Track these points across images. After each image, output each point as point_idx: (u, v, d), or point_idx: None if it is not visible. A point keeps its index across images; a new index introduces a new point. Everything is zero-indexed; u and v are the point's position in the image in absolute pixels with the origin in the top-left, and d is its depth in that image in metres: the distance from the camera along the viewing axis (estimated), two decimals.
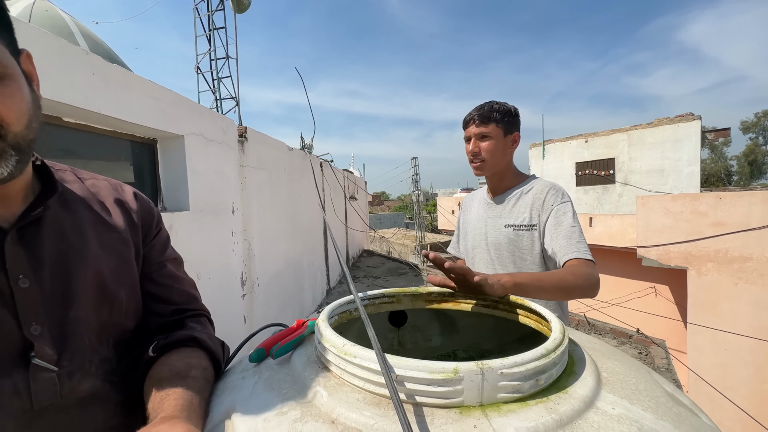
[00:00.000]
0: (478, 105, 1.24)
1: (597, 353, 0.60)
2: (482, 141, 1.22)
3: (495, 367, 0.44)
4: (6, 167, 0.43)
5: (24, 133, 0.45)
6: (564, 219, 1.13)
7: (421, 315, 1.00)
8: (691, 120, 9.38)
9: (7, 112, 0.42)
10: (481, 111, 1.21)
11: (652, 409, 0.46)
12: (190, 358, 0.57)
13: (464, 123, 1.26)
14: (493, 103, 1.22)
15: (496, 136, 1.21)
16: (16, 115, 0.43)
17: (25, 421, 0.45)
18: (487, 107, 1.21)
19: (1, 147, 0.42)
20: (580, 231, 1.11)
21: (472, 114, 1.23)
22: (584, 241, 1.10)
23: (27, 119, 0.45)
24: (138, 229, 0.63)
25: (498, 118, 1.20)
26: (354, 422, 0.42)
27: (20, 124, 0.44)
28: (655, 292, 7.42)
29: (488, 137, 1.21)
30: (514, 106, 1.23)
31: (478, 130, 1.21)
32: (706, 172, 29.21)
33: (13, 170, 0.44)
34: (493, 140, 1.21)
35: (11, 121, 0.43)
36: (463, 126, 1.27)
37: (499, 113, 1.20)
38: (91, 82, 1.56)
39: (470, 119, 1.23)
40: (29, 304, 0.46)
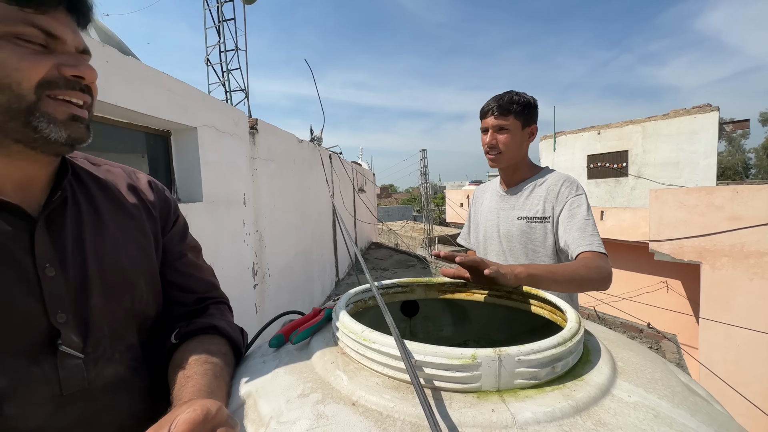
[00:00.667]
0: (497, 95, 1.21)
1: (612, 343, 0.61)
2: (500, 133, 1.20)
3: (512, 353, 0.45)
4: (89, 135, 0.51)
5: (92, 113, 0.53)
6: (578, 212, 1.12)
7: (433, 305, 1.01)
8: (709, 111, 9.12)
9: (96, 93, 0.52)
10: (501, 102, 1.18)
11: (668, 397, 0.46)
12: (210, 344, 0.58)
13: (482, 113, 1.24)
14: (513, 94, 1.19)
15: (514, 129, 1.19)
16: (96, 97, 0.53)
17: (55, 407, 0.46)
18: (506, 98, 1.18)
19: (89, 118, 0.51)
20: (593, 224, 1.11)
21: (491, 105, 1.20)
22: (597, 234, 1.10)
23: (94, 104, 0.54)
24: (156, 221, 0.63)
25: (517, 111, 1.17)
26: (374, 404, 0.43)
27: (94, 107, 0.53)
28: (666, 287, 7.32)
29: (506, 130, 1.19)
30: (533, 97, 1.21)
31: (497, 122, 1.19)
32: (723, 164, 28.48)
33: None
34: (510, 133, 1.19)
35: (94, 103, 0.52)
36: (481, 116, 1.25)
37: (519, 105, 1.17)
38: (107, 74, 1.59)
39: (488, 110, 1.20)
40: (55, 293, 0.47)
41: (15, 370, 0.44)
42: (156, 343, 0.60)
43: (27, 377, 0.45)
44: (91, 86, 0.51)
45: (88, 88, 0.50)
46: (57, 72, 0.46)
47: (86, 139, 0.50)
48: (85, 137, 0.50)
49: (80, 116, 0.49)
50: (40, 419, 0.45)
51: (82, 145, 0.50)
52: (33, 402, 0.45)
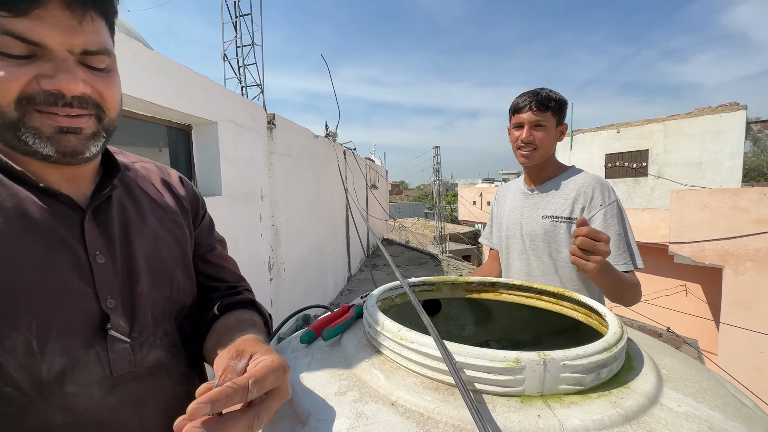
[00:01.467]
0: (532, 90, 1.18)
1: (652, 349, 0.59)
2: (536, 130, 1.17)
3: (557, 358, 0.43)
4: (96, 146, 0.48)
5: (114, 120, 0.50)
6: (611, 223, 1.10)
7: (456, 304, 1.00)
8: (736, 110, 8.79)
9: (111, 99, 0.48)
10: (538, 98, 1.15)
11: (720, 408, 0.44)
12: (252, 315, 0.63)
13: (516, 108, 1.20)
14: (548, 91, 1.16)
15: (550, 126, 1.17)
16: (115, 103, 0.49)
17: (107, 388, 0.49)
18: (544, 94, 1.15)
19: (98, 129, 0.47)
20: (627, 237, 1.10)
21: (527, 100, 1.17)
22: (633, 246, 1.10)
23: (119, 108, 0.51)
24: (188, 213, 0.66)
25: (555, 108, 1.16)
26: (414, 405, 0.42)
27: (115, 111, 0.50)
28: (685, 291, 7.13)
29: (543, 126, 1.16)
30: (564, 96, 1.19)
31: (535, 118, 1.16)
32: (747, 165, 27.49)
33: (98, 151, 0.49)
34: (546, 130, 1.17)
35: (111, 108, 0.48)
36: (514, 111, 1.21)
37: (556, 102, 1.15)
38: (132, 67, 1.61)
39: (525, 105, 1.17)
40: (105, 279, 0.50)
41: (73, 351, 0.46)
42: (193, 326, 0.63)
43: (84, 358, 0.47)
44: (86, 95, 0.44)
45: (82, 99, 0.44)
46: (37, 85, 0.41)
47: (84, 152, 0.46)
48: (82, 149, 0.46)
49: (72, 127, 0.44)
50: (95, 398, 0.47)
51: (82, 157, 0.46)
52: (88, 382, 0.47)
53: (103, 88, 0.46)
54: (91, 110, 0.46)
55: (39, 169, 0.47)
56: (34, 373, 0.44)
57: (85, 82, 0.44)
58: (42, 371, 0.44)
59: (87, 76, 0.45)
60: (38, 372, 0.44)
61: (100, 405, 0.48)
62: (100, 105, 0.47)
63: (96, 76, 0.46)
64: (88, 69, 0.45)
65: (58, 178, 0.49)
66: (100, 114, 0.47)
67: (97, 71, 0.46)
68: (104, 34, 0.46)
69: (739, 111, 8.76)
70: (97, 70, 0.46)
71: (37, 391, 0.44)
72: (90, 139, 0.47)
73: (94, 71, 0.46)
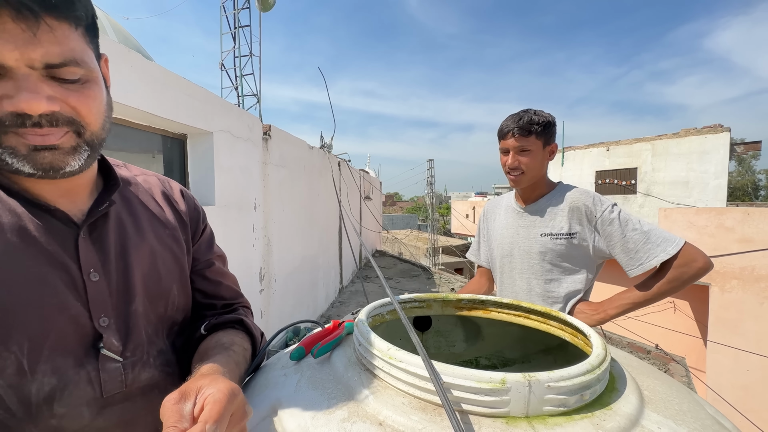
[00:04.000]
0: (516, 115, 1.20)
1: (635, 370, 0.60)
2: (521, 155, 1.18)
3: (542, 379, 0.44)
4: (79, 161, 0.45)
5: (98, 133, 0.47)
6: (611, 230, 1.10)
7: (446, 320, 1.01)
8: (720, 131, 9.07)
9: (88, 113, 0.45)
10: (521, 123, 1.16)
11: (698, 431, 0.45)
12: (235, 336, 0.62)
13: (501, 133, 1.23)
14: (532, 114, 1.17)
15: (535, 150, 1.18)
16: (95, 116, 0.46)
17: (97, 409, 0.47)
18: (526, 119, 1.16)
19: (78, 143, 0.45)
20: (635, 235, 1.08)
21: (510, 126, 1.18)
22: (646, 241, 1.06)
23: (103, 120, 0.48)
24: (187, 228, 0.65)
25: (539, 131, 1.16)
26: (402, 425, 0.43)
27: (97, 125, 0.47)
28: (674, 308, 7.20)
29: (527, 150, 1.18)
30: (551, 114, 1.20)
31: (518, 144, 1.17)
32: (732, 185, 28.21)
33: (83, 164, 0.47)
34: (532, 154, 1.18)
35: (90, 122, 0.45)
36: (500, 136, 1.23)
37: (540, 125, 1.16)
38: (130, 78, 1.62)
39: (509, 131, 1.19)
40: (99, 297, 0.49)
41: (64, 370, 0.45)
42: (184, 345, 0.62)
43: (74, 378, 0.46)
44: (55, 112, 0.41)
45: (51, 117, 0.41)
46: (1, 107, 0.39)
47: (63, 167, 0.44)
48: (61, 164, 0.43)
49: (47, 145, 0.42)
50: (85, 419, 0.46)
51: (64, 172, 0.44)
52: (78, 402, 0.46)
53: (76, 102, 0.43)
54: (65, 127, 0.43)
55: (33, 185, 0.47)
56: (24, 394, 0.43)
57: (51, 99, 0.41)
58: (32, 392, 0.43)
59: (56, 91, 0.41)
60: (28, 393, 0.43)
61: (90, 426, 0.47)
62: (76, 120, 0.44)
63: (68, 90, 0.42)
64: (58, 83, 0.42)
65: (53, 193, 0.48)
66: (77, 129, 0.44)
67: (69, 84, 0.42)
68: (71, 43, 0.41)
69: (723, 133, 9.04)
70: (70, 82, 0.43)
71: (26, 412, 0.43)
72: (69, 154, 0.44)
73: (66, 84, 0.42)
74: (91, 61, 0.45)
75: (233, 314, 0.65)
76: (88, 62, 0.44)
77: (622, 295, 1.11)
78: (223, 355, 0.54)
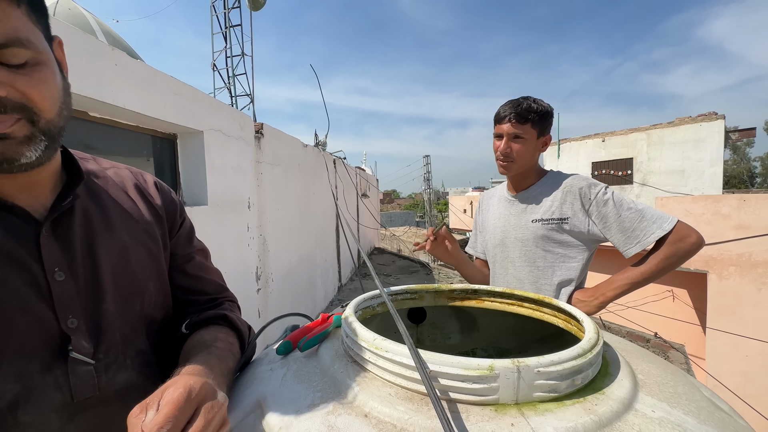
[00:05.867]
0: (514, 101, 1.17)
1: (630, 355, 0.59)
2: (515, 142, 1.16)
3: (531, 365, 0.43)
4: (35, 151, 0.42)
5: (55, 120, 0.44)
6: (606, 211, 1.09)
7: (441, 312, 0.99)
8: (715, 119, 9.08)
9: (40, 98, 0.41)
10: (519, 109, 1.13)
11: (693, 413, 0.44)
12: (218, 332, 0.59)
13: (497, 118, 1.20)
14: (531, 101, 1.14)
15: (529, 138, 1.15)
16: (48, 101, 0.42)
17: (67, 415, 0.45)
18: (524, 105, 1.13)
19: (33, 132, 0.42)
20: (630, 214, 1.07)
21: (508, 111, 1.16)
22: (641, 219, 1.05)
23: (58, 106, 0.44)
24: (163, 222, 0.62)
25: (535, 120, 1.13)
26: (387, 416, 0.42)
27: (52, 111, 0.43)
28: (672, 296, 7.23)
29: (521, 138, 1.15)
30: (549, 105, 1.17)
31: (513, 130, 1.15)
32: (728, 173, 28.31)
33: (41, 155, 0.43)
34: (525, 142, 1.15)
35: (43, 108, 0.42)
36: (495, 120, 1.21)
37: (537, 114, 1.13)
38: (116, 77, 1.60)
39: (505, 116, 1.16)
40: (66, 298, 0.46)
41: (28, 376, 0.43)
42: (165, 344, 0.59)
43: (40, 383, 0.44)
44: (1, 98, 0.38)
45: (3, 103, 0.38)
46: None
47: (18, 158, 0.41)
48: (15, 155, 0.41)
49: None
50: (53, 426, 0.44)
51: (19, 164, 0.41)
52: (45, 409, 0.44)
53: (24, 86, 0.40)
54: (15, 113, 0.40)
55: None
56: None
57: None
58: None
59: (1, 75, 0.38)
60: None
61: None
62: (27, 106, 0.40)
63: (14, 74, 0.39)
64: (3, 67, 0.39)
65: (10, 188, 0.45)
66: (30, 116, 0.41)
67: (16, 68, 0.39)
68: (12, 22, 0.38)
69: (717, 120, 9.05)
70: (16, 66, 0.39)
71: None
72: (23, 144, 0.41)
73: (12, 69, 0.39)
74: (39, 42, 0.42)
75: (216, 310, 0.63)
76: (35, 43, 0.41)
77: (618, 276, 1.09)
78: (203, 353, 0.51)
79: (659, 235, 1.03)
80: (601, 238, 1.13)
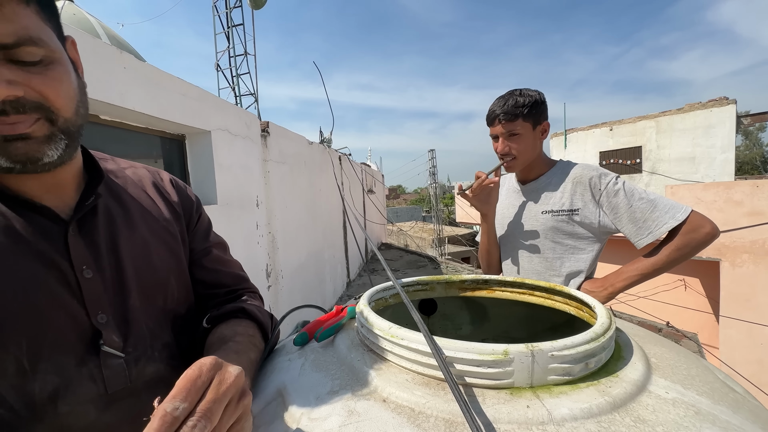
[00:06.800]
0: (501, 99, 1.16)
1: (642, 339, 0.59)
2: (511, 140, 1.15)
3: (545, 349, 0.44)
4: (56, 150, 0.43)
5: (73, 119, 0.45)
6: (617, 201, 1.07)
7: (452, 303, 1.00)
8: (726, 104, 8.89)
9: (56, 96, 0.42)
10: (506, 108, 1.12)
11: (707, 394, 0.45)
12: (237, 326, 0.59)
13: (488, 120, 1.19)
14: (517, 97, 1.12)
15: (525, 132, 1.13)
16: (65, 99, 0.43)
17: (102, 405, 0.47)
18: (511, 102, 1.12)
19: (52, 131, 0.42)
20: (642, 204, 1.05)
21: (496, 112, 1.14)
22: (653, 209, 1.03)
23: (75, 104, 0.45)
24: (181, 218, 0.64)
25: (525, 113, 1.11)
26: (405, 401, 0.43)
27: (69, 109, 0.44)
28: (684, 285, 7.15)
29: (517, 135, 1.14)
30: (538, 92, 1.15)
31: (505, 129, 1.14)
32: (740, 159, 27.71)
33: (62, 154, 0.44)
34: (522, 137, 1.14)
35: (60, 106, 0.42)
36: (488, 123, 1.20)
37: (526, 107, 1.11)
38: (125, 80, 1.62)
39: (494, 117, 1.15)
40: (94, 294, 0.48)
41: (65, 369, 0.45)
42: (190, 338, 0.61)
43: (76, 375, 0.46)
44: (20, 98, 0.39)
45: (16, 103, 0.38)
46: None
47: (40, 157, 0.42)
48: (37, 155, 0.41)
49: (18, 134, 0.40)
50: (90, 416, 0.46)
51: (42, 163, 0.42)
52: (82, 400, 0.46)
53: (40, 84, 0.40)
54: (34, 113, 0.40)
55: (16, 182, 0.45)
56: (27, 393, 0.43)
57: (11, 83, 0.38)
58: (34, 391, 0.43)
59: (16, 74, 0.39)
60: (31, 392, 0.43)
61: (96, 423, 0.47)
62: (45, 105, 0.41)
63: (29, 73, 0.40)
64: (18, 66, 0.39)
65: (37, 189, 0.47)
66: (48, 115, 0.41)
67: (30, 66, 0.40)
68: (22, 20, 0.39)
69: (728, 105, 8.86)
70: (31, 64, 0.40)
71: (30, 411, 0.43)
72: (44, 143, 0.42)
73: (28, 67, 0.40)
74: (51, 40, 0.42)
75: (234, 303, 0.64)
76: (47, 41, 0.41)
77: (628, 267, 1.08)
78: (221, 349, 0.53)
79: (672, 225, 1.01)
80: (612, 229, 1.12)
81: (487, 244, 1.30)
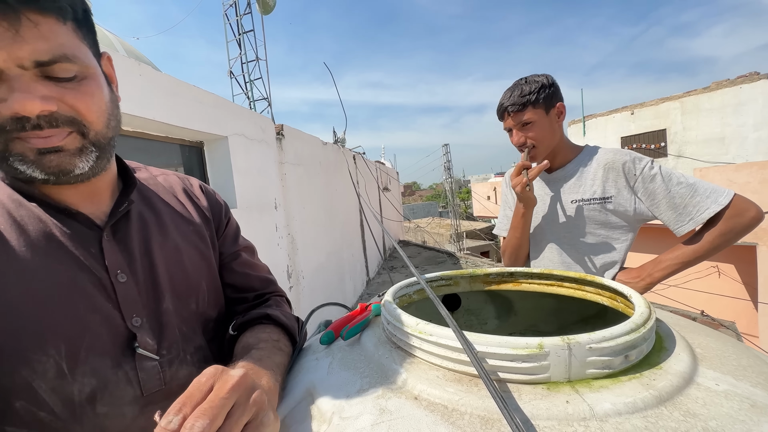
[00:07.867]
0: (507, 91, 1.12)
1: (684, 329, 0.56)
2: (525, 130, 1.11)
3: (583, 342, 0.42)
4: (87, 162, 0.45)
5: (104, 132, 0.46)
6: (654, 187, 1.01)
7: (476, 298, 0.98)
8: (757, 79, 8.41)
9: (87, 111, 0.43)
10: (513, 99, 1.09)
11: (762, 385, 0.42)
12: (261, 332, 0.60)
13: (498, 114, 1.16)
14: (522, 85, 1.09)
15: (538, 119, 1.09)
16: (96, 114, 0.44)
17: (139, 407, 0.48)
18: (517, 93, 1.08)
19: (84, 144, 0.44)
20: (681, 189, 0.99)
21: (504, 105, 1.11)
22: (694, 194, 0.97)
23: (106, 118, 0.46)
24: (210, 222, 0.65)
25: (533, 100, 1.07)
26: (438, 398, 0.42)
27: (100, 123, 0.45)
28: (718, 272, 6.83)
29: (530, 123, 1.10)
30: (547, 75, 1.11)
31: (515, 121, 1.10)
32: None
33: (94, 165, 0.46)
34: (536, 124, 1.09)
35: (91, 120, 0.44)
36: (498, 117, 1.17)
37: (533, 94, 1.07)
38: (145, 91, 1.67)
39: (503, 110, 1.12)
40: (129, 298, 0.50)
41: (102, 372, 0.46)
42: (221, 341, 0.62)
43: (113, 378, 0.47)
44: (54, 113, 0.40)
45: (50, 118, 0.40)
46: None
47: (72, 169, 0.43)
48: (69, 167, 0.43)
49: (51, 147, 0.41)
50: (127, 418, 0.47)
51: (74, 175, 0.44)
52: (119, 402, 0.47)
53: (73, 100, 0.42)
54: (66, 127, 0.42)
55: (55, 191, 0.47)
56: (66, 395, 0.44)
57: (46, 99, 0.39)
58: (74, 393, 0.44)
59: (51, 90, 0.40)
60: (70, 394, 0.44)
61: (133, 425, 0.48)
62: (77, 119, 0.42)
63: (64, 89, 0.41)
64: (53, 82, 0.40)
65: (74, 197, 0.49)
66: (81, 129, 0.43)
67: (65, 82, 0.41)
68: (59, 38, 0.40)
69: (760, 80, 8.38)
70: (66, 80, 0.41)
71: (70, 413, 0.44)
72: (75, 156, 0.43)
73: (62, 83, 0.41)
74: (86, 56, 0.43)
75: (259, 309, 0.64)
76: (81, 58, 0.42)
77: (668, 255, 1.02)
78: (246, 358, 0.53)
79: (715, 210, 0.95)
80: (649, 216, 1.06)
81: (520, 239, 1.24)
